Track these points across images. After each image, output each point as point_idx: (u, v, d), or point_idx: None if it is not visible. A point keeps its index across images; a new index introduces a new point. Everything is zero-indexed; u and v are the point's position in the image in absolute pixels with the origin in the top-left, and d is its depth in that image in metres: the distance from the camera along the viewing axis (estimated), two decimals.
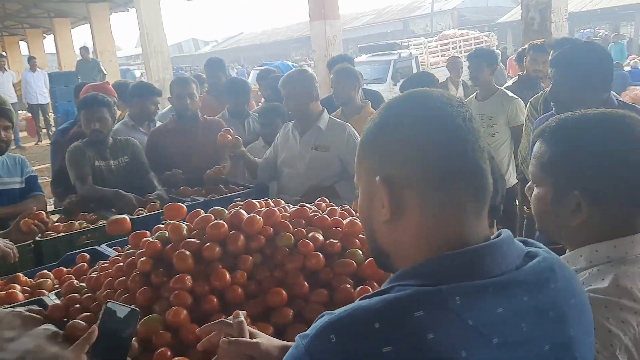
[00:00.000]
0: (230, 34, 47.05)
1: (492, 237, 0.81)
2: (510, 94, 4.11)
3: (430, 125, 0.79)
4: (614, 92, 2.34)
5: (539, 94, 3.48)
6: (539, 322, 0.76)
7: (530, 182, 1.20)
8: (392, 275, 0.82)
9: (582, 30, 24.62)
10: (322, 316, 0.75)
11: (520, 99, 4.03)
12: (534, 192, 1.16)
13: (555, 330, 0.78)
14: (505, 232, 0.83)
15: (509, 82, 5.06)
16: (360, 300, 0.74)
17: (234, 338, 1.07)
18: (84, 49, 12.08)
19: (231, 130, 3.22)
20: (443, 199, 0.79)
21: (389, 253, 0.86)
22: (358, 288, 1.55)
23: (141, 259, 1.60)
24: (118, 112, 3.65)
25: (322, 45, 8.36)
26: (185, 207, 1.82)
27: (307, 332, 0.74)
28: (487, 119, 3.98)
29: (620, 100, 2.37)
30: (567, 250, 1.17)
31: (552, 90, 2.29)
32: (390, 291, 0.75)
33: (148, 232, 1.77)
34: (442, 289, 0.71)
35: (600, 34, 22.44)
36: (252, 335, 1.11)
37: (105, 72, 11.11)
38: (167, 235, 1.67)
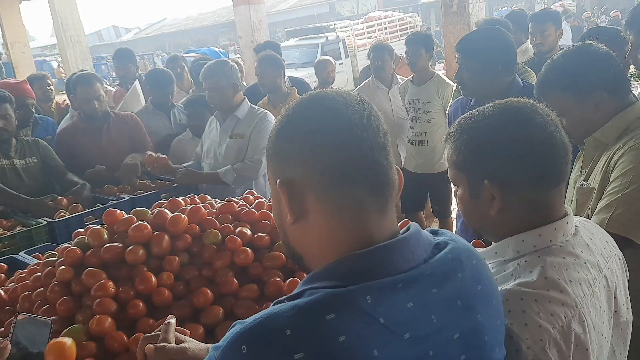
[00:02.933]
0: (153, 20, 45.41)
1: (401, 231, 0.83)
2: (446, 79, 4.12)
3: (322, 127, 0.80)
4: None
5: None
6: (448, 312, 0.78)
7: (454, 187, 1.23)
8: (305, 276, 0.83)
9: (500, 9, 25.55)
10: (234, 325, 0.74)
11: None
12: (457, 194, 1.19)
13: (464, 318, 0.80)
14: (414, 226, 0.84)
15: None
16: (272, 305, 0.74)
17: (160, 344, 1.04)
18: None
19: (154, 155, 3.14)
20: (341, 199, 0.79)
21: (301, 254, 0.87)
22: (288, 280, 1.55)
23: (60, 268, 1.53)
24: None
25: (248, 31, 8.20)
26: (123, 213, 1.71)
27: (220, 343, 0.73)
28: (423, 104, 4.00)
29: (525, 82, 2.48)
30: (492, 244, 1.19)
31: (458, 75, 2.38)
32: (302, 295, 0.75)
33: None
34: (352, 289, 0.72)
35: None
36: (178, 341, 1.09)
37: (2, 67, 10.34)
38: (87, 240, 1.60)
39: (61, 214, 2.72)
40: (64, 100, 5.00)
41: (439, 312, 0.77)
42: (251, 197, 1.99)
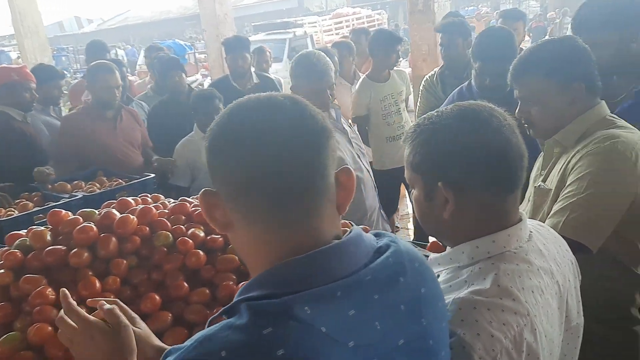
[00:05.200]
0: (116, 12, 44.43)
1: (343, 235, 0.80)
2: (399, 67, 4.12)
3: (230, 140, 0.78)
4: None
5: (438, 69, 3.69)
6: (392, 318, 0.77)
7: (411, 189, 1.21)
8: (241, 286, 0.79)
9: (466, 9, 25.94)
10: (169, 353, 0.71)
11: None
12: (413, 196, 1.17)
13: (408, 323, 0.79)
14: (355, 230, 0.81)
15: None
16: (207, 324, 0.72)
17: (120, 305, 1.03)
18: None
19: None
20: (250, 209, 0.77)
21: (242, 260, 0.84)
22: (241, 284, 1.50)
23: None
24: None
25: (213, 23, 8.03)
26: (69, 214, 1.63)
27: None
28: (397, 95, 3.96)
29: None
30: (447, 248, 1.18)
31: (493, 82, 2.40)
32: (236, 309, 0.72)
33: None
34: (288, 300, 0.69)
35: (483, 11, 23.77)
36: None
37: None
38: (28, 243, 1.52)
39: (9, 213, 2.60)
40: None
41: (383, 319, 0.75)
42: None
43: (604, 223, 1.54)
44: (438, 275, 1.15)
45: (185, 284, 1.49)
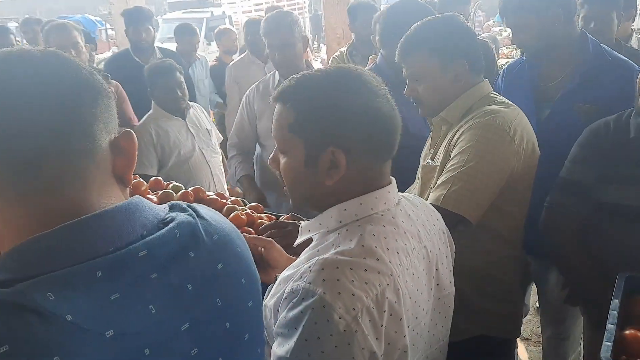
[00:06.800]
0: None
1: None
2: None
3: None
4: None
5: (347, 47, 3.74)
6: (173, 300, 0.68)
7: (273, 154, 1.15)
8: None
9: None
10: None
11: None
12: (283, 162, 1.11)
13: (196, 304, 0.71)
14: (133, 199, 0.72)
15: None
16: None
17: None
18: None
19: None
20: (2, 175, 0.65)
21: None
22: None
23: None
24: None
25: None
26: None
27: None
28: None
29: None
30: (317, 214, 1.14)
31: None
32: None
33: None
34: (22, 287, 0.59)
35: None
36: None
37: None
38: None
39: None
40: None
41: (160, 301, 0.67)
42: None
43: (482, 195, 1.58)
44: (311, 241, 1.13)
45: None
